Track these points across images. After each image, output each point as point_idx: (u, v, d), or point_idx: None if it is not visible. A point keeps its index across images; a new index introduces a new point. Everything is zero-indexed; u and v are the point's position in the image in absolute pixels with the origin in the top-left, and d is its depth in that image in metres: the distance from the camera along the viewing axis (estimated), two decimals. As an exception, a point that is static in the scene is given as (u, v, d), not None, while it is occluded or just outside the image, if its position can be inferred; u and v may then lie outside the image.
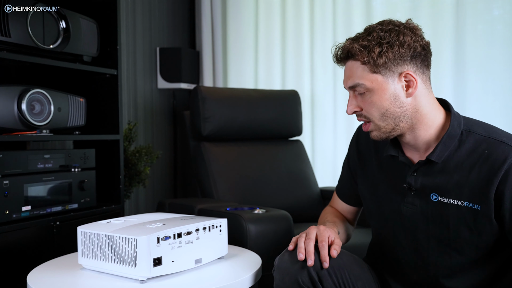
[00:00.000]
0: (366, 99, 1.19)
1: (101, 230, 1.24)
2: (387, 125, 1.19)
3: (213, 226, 1.34)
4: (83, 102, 1.93)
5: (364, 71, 1.17)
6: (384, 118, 1.19)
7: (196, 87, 2.36)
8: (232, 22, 3.03)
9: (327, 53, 2.78)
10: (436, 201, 1.19)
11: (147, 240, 1.15)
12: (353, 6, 2.70)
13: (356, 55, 1.18)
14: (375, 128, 1.21)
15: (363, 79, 1.17)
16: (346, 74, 1.22)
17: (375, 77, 1.17)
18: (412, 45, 1.17)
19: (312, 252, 1.17)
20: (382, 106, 1.18)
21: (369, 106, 1.19)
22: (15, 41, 1.62)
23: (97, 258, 1.24)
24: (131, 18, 2.76)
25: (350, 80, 1.20)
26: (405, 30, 1.18)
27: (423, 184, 1.21)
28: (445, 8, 2.47)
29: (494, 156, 1.12)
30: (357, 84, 1.18)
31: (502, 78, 2.35)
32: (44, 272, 1.31)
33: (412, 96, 1.17)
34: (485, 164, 1.13)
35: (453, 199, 1.17)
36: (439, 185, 1.18)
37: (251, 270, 1.30)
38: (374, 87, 1.17)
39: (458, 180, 1.16)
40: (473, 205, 1.14)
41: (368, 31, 1.19)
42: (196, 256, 1.28)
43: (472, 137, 1.17)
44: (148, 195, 2.85)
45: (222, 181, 2.25)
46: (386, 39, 1.15)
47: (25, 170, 1.68)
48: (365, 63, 1.17)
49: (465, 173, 1.15)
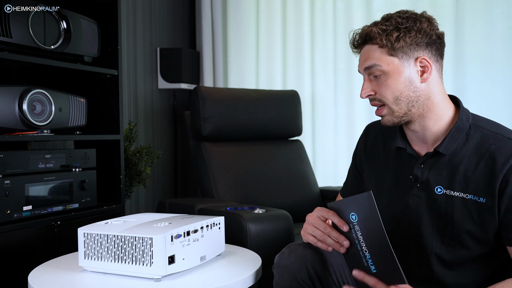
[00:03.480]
0: (381, 82, 1.20)
1: (107, 231, 1.24)
2: (400, 109, 1.20)
3: (214, 224, 1.37)
4: (83, 102, 1.94)
5: (381, 54, 1.19)
6: (398, 101, 1.20)
7: (196, 87, 2.37)
8: (232, 22, 3.04)
9: (328, 53, 2.78)
10: (441, 194, 1.20)
11: (163, 238, 1.16)
12: (353, 6, 2.71)
13: (374, 38, 1.20)
14: (388, 113, 1.22)
15: (380, 61, 1.19)
16: (362, 57, 1.24)
17: (392, 60, 1.19)
18: (429, 32, 1.19)
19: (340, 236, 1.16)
20: (396, 89, 1.19)
21: (384, 89, 1.20)
22: (16, 42, 1.62)
23: (103, 259, 1.24)
24: (131, 18, 2.77)
25: (367, 61, 1.21)
26: (422, 19, 1.21)
27: (429, 177, 1.22)
28: (444, 7, 2.48)
29: (501, 151, 1.14)
30: (373, 64, 1.20)
31: (502, 77, 2.36)
32: (45, 272, 1.31)
33: (426, 82, 1.20)
34: (491, 159, 1.14)
35: (458, 192, 1.18)
36: (445, 178, 1.20)
37: (251, 269, 1.30)
38: (390, 69, 1.19)
39: (464, 173, 1.17)
40: (478, 198, 1.15)
41: (386, 18, 1.22)
42: (201, 253, 1.30)
43: (479, 132, 1.19)
44: (148, 195, 2.86)
45: (222, 181, 2.26)
46: (404, 25, 1.18)
47: (26, 170, 1.68)
48: (382, 46, 1.19)
49: (471, 167, 1.17)
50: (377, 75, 1.20)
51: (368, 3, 2.67)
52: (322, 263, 1.24)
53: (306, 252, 1.23)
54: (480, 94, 2.41)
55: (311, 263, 1.22)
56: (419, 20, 1.20)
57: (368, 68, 1.21)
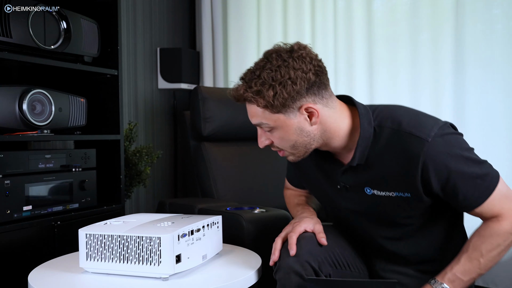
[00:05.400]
0: (274, 135, 1.24)
1: (111, 231, 1.24)
2: (299, 151, 1.25)
3: (213, 223, 1.38)
4: (84, 102, 1.94)
5: (264, 113, 1.20)
6: (295, 147, 1.24)
7: (196, 87, 2.37)
8: (232, 22, 3.04)
9: (328, 54, 2.78)
10: (370, 194, 1.26)
11: (171, 238, 1.17)
12: (353, 6, 2.71)
13: (252, 101, 1.20)
14: (290, 154, 1.27)
15: (266, 119, 1.21)
16: (249, 112, 1.25)
17: (277, 117, 1.19)
18: (305, 76, 1.17)
19: (293, 243, 1.24)
20: (290, 140, 1.22)
21: (278, 140, 1.24)
22: (16, 42, 1.62)
23: (107, 260, 1.23)
24: (131, 18, 2.77)
25: (253, 119, 1.24)
26: (294, 63, 1.16)
27: (355, 181, 1.27)
28: (444, 7, 2.48)
29: (408, 151, 1.16)
30: (261, 123, 1.22)
31: (502, 77, 2.36)
32: (45, 272, 1.31)
33: (317, 124, 1.21)
34: (402, 158, 1.18)
35: (383, 191, 1.24)
36: (368, 180, 1.25)
37: (251, 269, 1.30)
38: (277, 125, 1.21)
39: (382, 174, 1.22)
40: (403, 194, 1.21)
41: (258, 72, 1.19)
42: (203, 252, 1.32)
43: (384, 132, 1.21)
44: (148, 195, 2.86)
45: (222, 181, 2.26)
46: (278, 80, 1.15)
47: (26, 170, 1.68)
48: (263, 107, 1.19)
49: (386, 167, 1.21)
50: (268, 129, 1.23)
51: (369, 2, 2.67)
52: (320, 252, 1.27)
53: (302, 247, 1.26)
54: (480, 95, 2.41)
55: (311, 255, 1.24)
56: (292, 67, 1.16)
57: (257, 125, 1.25)
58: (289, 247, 1.24)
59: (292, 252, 1.22)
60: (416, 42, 2.55)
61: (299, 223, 1.32)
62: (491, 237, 1.19)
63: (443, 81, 2.49)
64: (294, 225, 1.32)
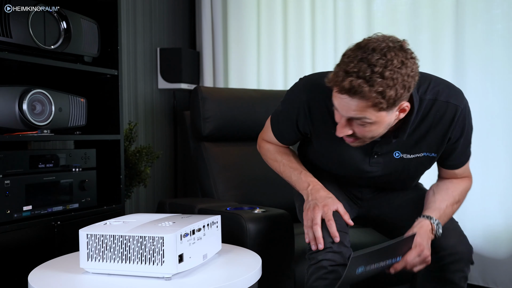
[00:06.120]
0: (365, 128, 1.24)
1: (113, 231, 1.24)
2: (373, 137, 1.30)
3: (213, 223, 1.38)
4: (84, 102, 1.94)
5: (369, 109, 1.18)
6: (374, 137, 1.30)
7: (196, 87, 2.37)
8: (232, 22, 3.04)
9: (328, 54, 2.78)
10: (398, 158, 1.42)
11: (174, 237, 1.18)
12: (353, 6, 2.71)
13: (368, 98, 1.16)
14: (362, 143, 1.33)
15: (369, 114, 1.20)
16: (347, 105, 1.20)
17: (381, 114, 1.20)
18: (415, 75, 1.20)
19: (320, 237, 1.33)
20: (378, 132, 1.27)
21: (366, 133, 1.26)
22: (16, 42, 1.62)
23: (109, 260, 1.23)
24: (131, 18, 2.77)
25: (355, 113, 1.20)
26: (411, 64, 1.18)
27: (387, 149, 1.41)
28: (444, 7, 2.48)
29: (445, 117, 1.35)
30: (362, 117, 1.20)
31: (502, 77, 2.36)
32: (45, 272, 1.31)
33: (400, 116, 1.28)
34: (439, 124, 1.36)
35: (413, 154, 1.41)
36: (400, 146, 1.39)
37: (251, 269, 1.30)
38: (377, 120, 1.22)
39: (416, 140, 1.38)
40: (429, 154, 1.41)
41: (379, 69, 1.14)
42: (203, 251, 1.32)
43: (423, 104, 1.34)
44: (148, 195, 2.86)
45: (222, 181, 2.26)
46: (400, 82, 1.15)
47: (26, 170, 1.69)
48: (375, 105, 1.17)
49: (422, 134, 1.37)
50: (361, 124, 1.23)
51: (369, 3, 2.67)
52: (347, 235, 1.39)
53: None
54: (480, 94, 2.41)
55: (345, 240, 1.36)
56: (409, 67, 1.17)
57: (353, 118, 1.23)
58: (332, 235, 1.32)
59: (337, 240, 1.32)
60: (416, 43, 2.55)
61: (327, 206, 1.37)
62: (465, 192, 1.52)
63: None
64: (324, 210, 1.36)
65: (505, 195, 2.36)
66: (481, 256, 2.42)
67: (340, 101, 1.21)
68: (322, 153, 1.51)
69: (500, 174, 2.38)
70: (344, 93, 1.18)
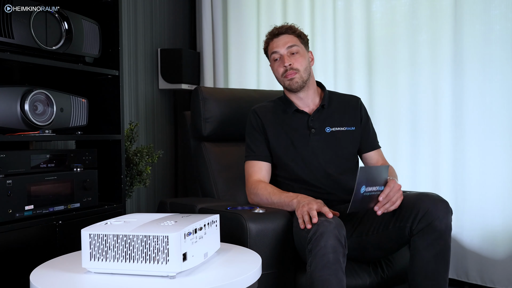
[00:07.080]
0: (297, 58, 1.91)
1: (116, 231, 1.24)
2: (305, 75, 1.92)
3: (212, 222, 1.40)
4: (85, 103, 1.95)
5: (298, 41, 1.93)
6: (305, 70, 1.92)
7: (197, 87, 2.38)
8: (233, 22, 3.05)
9: (328, 54, 2.79)
10: (329, 132, 1.94)
11: (178, 236, 1.19)
12: (352, 7, 2.72)
13: (294, 31, 1.94)
14: (299, 76, 1.91)
15: (298, 43, 1.93)
16: (285, 40, 1.92)
17: (302, 46, 1.95)
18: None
19: (315, 215, 1.54)
20: (304, 63, 1.92)
21: (298, 62, 1.91)
22: (18, 43, 1.63)
23: (112, 259, 1.24)
24: (132, 19, 2.78)
25: (290, 42, 1.92)
26: None
27: (319, 124, 1.94)
28: (443, 8, 2.49)
29: (352, 102, 2.04)
30: (295, 44, 1.92)
31: (501, 78, 2.37)
32: (46, 271, 1.32)
33: (311, 66, 1.99)
34: (348, 106, 2.02)
35: (338, 127, 1.95)
36: (327, 121, 1.95)
37: (251, 268, 1.31)
38: (301, 51, 1.93)
39: (338, 116, 1.97)
40: (349, 128, 1.97)
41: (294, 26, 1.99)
42: (204, 250, 1.33)
43: (334, 95, 2.05)
44: (149, 194, 2.87)
45: (223, 181, 2.27)
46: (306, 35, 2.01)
47: (28, 170, 1.70)
48: (299, 36, 1.94)
49: (340, 111, 1.99)
50: (294, 52, 1.90)
51: (368, 3, 2.68)
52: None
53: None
54: (478, 95, 2.42)
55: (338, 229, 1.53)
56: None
57: (290, 46, 1.90)
58: (326, 215, 1.55)
59: (330, 215, 1.54)
60: (415, 43, 2.56)
61: (320, 203, 1.63)
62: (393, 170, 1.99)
63: (441, 82, 2.50)
64: (318, 204, 1.61)
65: (504, 195, 2.37)
66: (479, 256, 2.43)
67: (278, 42, 1.93)
68: (278, 149, 1.94)
69: (498, 174, 2.39)
70: (281, 34, 1.93)
